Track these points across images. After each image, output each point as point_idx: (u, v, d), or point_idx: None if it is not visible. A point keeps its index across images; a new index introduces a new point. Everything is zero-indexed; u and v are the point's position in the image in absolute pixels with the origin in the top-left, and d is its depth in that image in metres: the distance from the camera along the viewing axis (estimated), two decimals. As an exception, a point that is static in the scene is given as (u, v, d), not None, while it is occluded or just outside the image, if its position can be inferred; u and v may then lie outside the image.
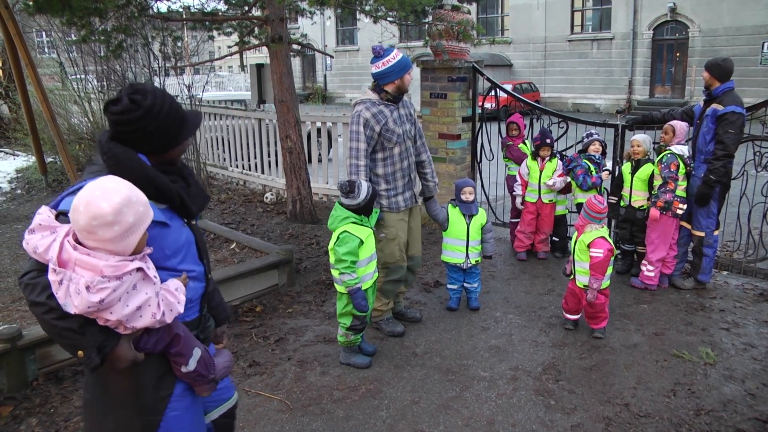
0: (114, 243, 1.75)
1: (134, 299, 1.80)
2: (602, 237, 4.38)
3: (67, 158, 8.48)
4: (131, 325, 1.83)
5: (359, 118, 4.20)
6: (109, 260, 1.74)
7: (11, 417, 3.58)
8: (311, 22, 12.55)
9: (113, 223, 1.72)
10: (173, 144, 2.06)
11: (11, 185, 10.71)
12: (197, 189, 2.20)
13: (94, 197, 1.72)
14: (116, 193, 1.74)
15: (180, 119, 2.05)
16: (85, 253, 1.74)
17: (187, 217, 2.16)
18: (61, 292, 1.73)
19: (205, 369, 2.15)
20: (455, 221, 4.90)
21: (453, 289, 5.09)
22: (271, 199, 9.06)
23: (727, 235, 6.29)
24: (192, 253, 2.18)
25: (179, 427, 2.12)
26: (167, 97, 2.01)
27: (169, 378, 2.09)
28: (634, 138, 5.52)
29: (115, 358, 1.87)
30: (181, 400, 2.13)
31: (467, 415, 3.58)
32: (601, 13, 26.83)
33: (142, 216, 1.80)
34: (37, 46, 18.31)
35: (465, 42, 6.91)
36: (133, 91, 1.96)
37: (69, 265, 1.74)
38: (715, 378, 3.96)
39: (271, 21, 7.01)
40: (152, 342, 1.97)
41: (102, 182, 1.77)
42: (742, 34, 22.48)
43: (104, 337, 1.83)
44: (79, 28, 6.70)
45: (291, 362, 4.25)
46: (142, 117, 1.93)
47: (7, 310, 5.08)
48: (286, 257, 5.53)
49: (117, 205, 1.72)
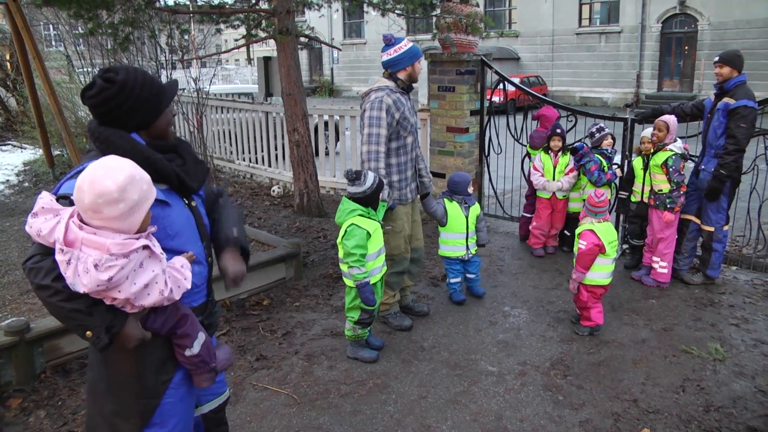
0: (119, 221, 1.76)
1: (141, 277, 1.81)
2: (590, 230, 4.35)
3: (74, 151, 8.51)
4: (139, 303, 1.85)
5: (381, 103, 4.14)
6: (116, 238, 1.75)
7: (20, 409, 3.60)
8: (318, 15, 12.50)
9: (118, 200, 1.73)
10: (156, 114, 2.07)
11: (19, 178, 10.74)
12: (194, 164, 2.21)
13: (98, 176, 1.73)
14: (120, 171, 1.76)
15: (157, 89, 2.07)
16: (91, 232, 1.75)
17: (187, 195, 2.18)
18: (70, 272, 1.74)
19: (208, 355, 2.17)
20: (455, 215, 4.90)
21: (456, 282, 5.10)
22: (278, 192, 9.05)
23: (736, 230, 6.25)
24: (194, 234, 2.19)
25: (172, 414, 2.14)
26: (139, 71, 2.03)
27: (170, 363, 2.12)
28: (645, 134, 5.45)
29: (124, 338, 1.89)
30: (178, 389, 2.15)
31: (475, 410, 3.57)
32: (609, 6, 26.65)
33: (146, 193, 1.81)
34: (44, 39, 18.34)
35: (473, 35, 6.87)
36: (104, 71, 1.99)
37: (76, 244, 1.75)
38: (725, 374, 3.93)
39: (279, 13, 6.98)
40: (159, 321, 1.99)
41: (105, 161, 1.79)
42: (754, 27, 22.28)
43: (112, 316, 1.85)
44: (86, 21, 6.71)
45: (298, 356, 4.25)
46: (118, 92, 1.95)
47: (15, 302, 5.09)
48: (294, 250, 5.52)
49: (121, 183, 1.73)
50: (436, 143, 7.33)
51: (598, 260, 4.35)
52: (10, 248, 6.61)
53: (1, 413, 3.56)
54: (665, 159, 5.16)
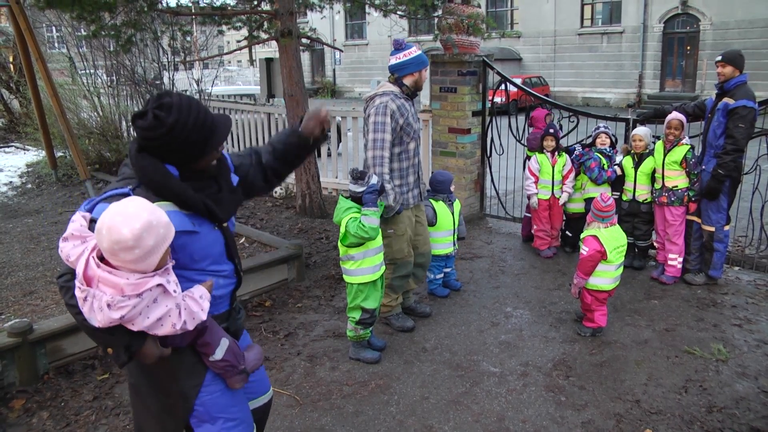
0: (135, 264, 1.83)
1: (155, 312, 1.89)
2: (594, 236, 4.34)
3: (76, 153, 8.52)
4: (152, 332, 1.94)
5: (386, 108, 4.16)
6: (130, 278, 1.83)
7: (23, 410, 3.61)
8: (320, 16, 12.52)
9: (134, 247, 1.80)
10: (199, 156, 2.08)
11: (22, 179, 10.77)
12: (229, 194, 2.22)
13: (116, 223, 1.80)
14: (136, 218, 1.80)
15: (208, 129, 2.05)
16: (107, 271, 1.83)
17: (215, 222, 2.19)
18: (86, 308, 1.85)
19: (234, 359, 2.24)
20: (443, 214, 4.99)
21: (439, 278, 5.24)
22: (280, 193, 9.07)
23: (739, 231, 6.24)
24: (221, 253, 2.24)
25: (217, 410, 2.25)
26: (192, 110, 2.00)
27: (199, 367, 2.21)
28: (636, 132, 5.51)
29: (142, 356, 2.00)
30: (214, 385, 2.25)
31: (477, 411, 3.57)
32: (611, 6, 26.61)
33: (163, 237, 1.87)
34: (47, 41, 18.38)
35: (475, 36, 6.86)
36: (158, 105, 1.97)
37: (93, 282, 1.84)
38: (728, 375, 3.93)
39: (281, 15, 6.99)
40: (178, 339, 2.08)
41: (124, 207, 1.83)
42: (756, 27, 22.22)
43: (130, 338, 1.94)
44: (89, 23, 6.73)
45: (300, 357, 4.25)
46: (165, 134, 1.96)
47: (18, 304, 5.10)
48: (296, 252, 5.53)
49: (137, 231, 1.79)
50: (438, 144, 7.33)
51: (600, 266, 4.35)
52: (13, 250, 6.63)
53: (5, 414, 3.57)
54: (684, 154, 5.21)
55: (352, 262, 3.95)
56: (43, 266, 6.03)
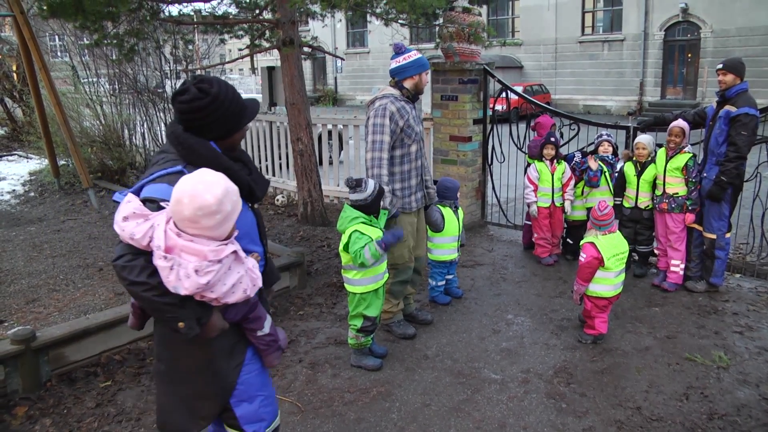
0: (213, 230, 1.95)
1: (230, 278, 2.03)
2: (591, 243, 4.36)
3: (79, 161, 8.57)
4: (224, 300, 2.04)
5: (385, 110, 4.18)
6: (210, 245, 1.94)
7: (26, 417, 3.62)
8: (322, 25, 12.58)
9: (216, 212, 1.92)
10: (237, 128, 2.24)
11: (24, 188, 10.81)
12: (258, 175, 2.39)
13: (198, 190, 1.90)
14: (217, 185, 1.94)
15: (241, 105, 2.23)
16: (188, 240, 1.93)
17: (251, 201, 2.34)
18: (173, 277, 1.92)
19: (276, 332, 2.37)
20: (449, 220, 4.99)
21: (440, 285, 5.25)
22: (282, 201, 9.09)
23: (740, 238, 6.25)
24: (255, 234, 2.37)
25: (255, 389, 2.37)
26: (229, 86, 2.19)
27: (240, 347, 2.32)
28: (639, 140, 5.53)
29: (209, 328, 2.11)
30: (252, 364, 2.36)
31: (478, 418, 3.57)
32: (612, 14, 26.71)
33: (236, 204, 2.01)
34: (50, 50, 18.46)
35: (476, 44, 6.90)
36: (198, 81, 2.13)
37: (174, 251, 1.92)
38: (729, 382, 3.93)
39: (282, 24, 7.03)
40: (233, 312, 2.18)
41: (202, 176, 1.95)
42: (756, 35, 22.29)
43: (201, 310, 2.06)
44: (92, 32, 6.76)
45: (302, 364, 4.26)
46: (210, 103, 2.10)
47: (21, 311, 5.12)
48: (298, 259, 5.55)
49: (219, 196, 1.92)
50: (439, 152, 7.35)
51: (599, 273, 4.36)
52: (16, 257, 6.65)
53: (8, 421, 3.58)
54: (686, 161, 5.23)
55: (354, 272, 3.96)
56: (46, 274, 6.05)
